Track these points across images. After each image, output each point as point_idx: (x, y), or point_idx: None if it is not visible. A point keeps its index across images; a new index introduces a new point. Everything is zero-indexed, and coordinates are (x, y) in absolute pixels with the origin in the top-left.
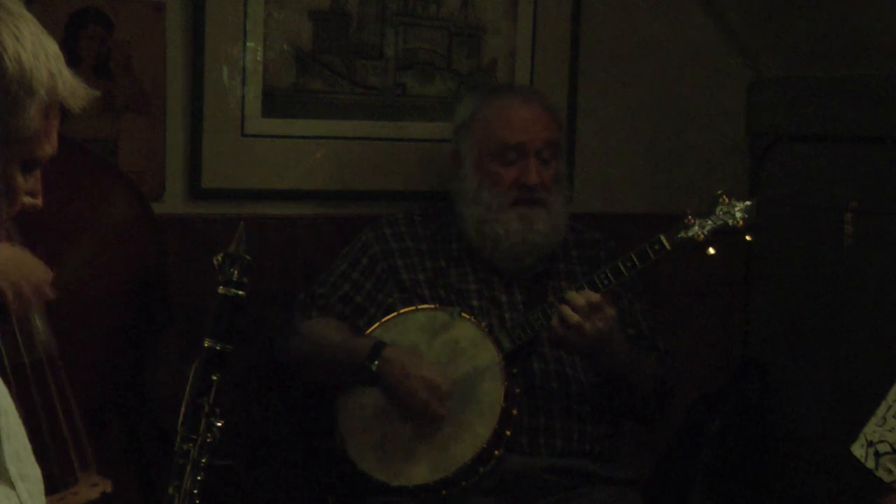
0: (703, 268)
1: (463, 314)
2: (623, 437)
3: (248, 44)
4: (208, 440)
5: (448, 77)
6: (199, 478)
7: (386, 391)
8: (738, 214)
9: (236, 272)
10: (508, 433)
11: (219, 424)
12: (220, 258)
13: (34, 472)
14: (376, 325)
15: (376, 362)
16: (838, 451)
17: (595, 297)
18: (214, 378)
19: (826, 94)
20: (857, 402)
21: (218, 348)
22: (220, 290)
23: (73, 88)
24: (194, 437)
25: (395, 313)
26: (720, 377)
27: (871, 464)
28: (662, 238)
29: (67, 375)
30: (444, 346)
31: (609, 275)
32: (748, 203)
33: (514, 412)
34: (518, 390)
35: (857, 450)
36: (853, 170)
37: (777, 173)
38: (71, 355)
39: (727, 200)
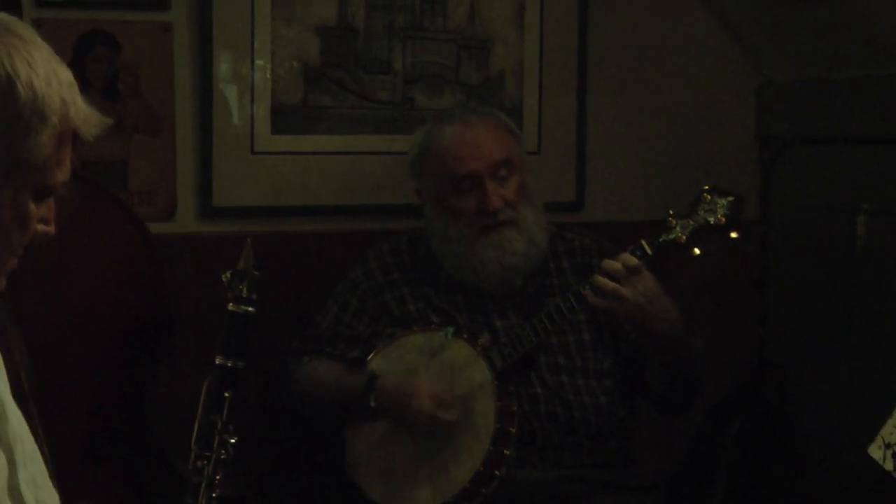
0: (717, 269)
1: (456, 334)
2: (640, 441)
3: (256, 61)
4: (222, 457)
5: (457, 90)
6: (214, 495)
7: (393, 419)
8: (720, 212)
9: (245, 289)
10: (508, 452)
11: (232, 441)
12: (228, 275)
13: (51, 497)
14: (378, 351)
15: (372, 396)
16: (857, 451)
17: (632, 260)
18: (227, 395)
19: (836, 97)
20: (874, 402)
21: (229, 365)
22: (230, 306)
23: (85, 116)
24: (208, 454)
25: (394, 338)
26: (737, 380)
27: (889, 465)
28: (644, 243)
29: (65, 405)
30: (442, 367)
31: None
32: (731, 199)
33: (513, 430)
34: (516, 408)
35: (875, 451)
36: (864, 171)
37: (788, 177)
38: (68, 385)
39: (709, 198)
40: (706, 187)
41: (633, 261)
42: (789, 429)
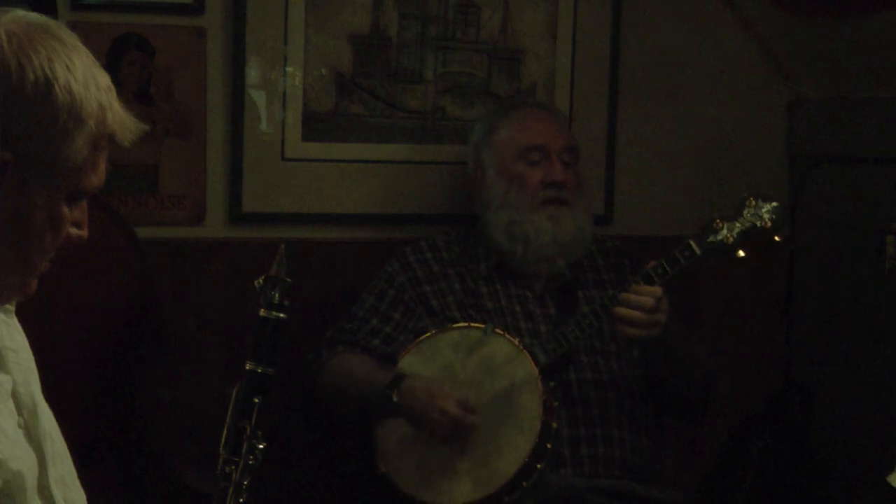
0: (744, 288)
1: (496, 330)
2: (666, 457)
3: (287, 68)
4: (250, 462)
5: (487, 100)
6: (241, 500)
7: (412, 420)
8: (766, 216)
9: (277, 295)
10: (549, 446)
11: (261, 447)
12: (261, 281)
13: (79, 496)
14: (411, 347)
15: (396, 392)
16: (882, 473)
17: (658, 290)
18: (256, 401)
19: (867, 115)
20: None
21: (259, 371)
22: (262, 312)
23: (122, 121)
24: (236, 459)
25: (428, 333)
26: (763, 399)
27: None
28: (692, 242)
29: (57, 409)
30: (480, 362)
31: (642, 283)
32: (775, 204)
33: (554, 425)
34: (557, 403)
35: (895, 480)
36: (894, 191)
37: (818, 194)
38: (58, 389)
39: (754, 202)
40: (746, 194)
41: (659, 290)
42: (813, 449)
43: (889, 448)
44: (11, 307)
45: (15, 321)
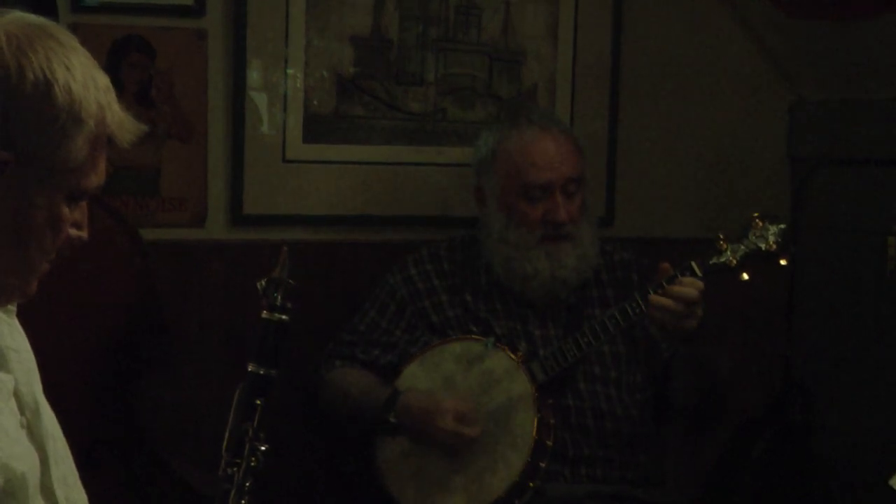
0: (745, 292)
1: (497, 344)
2: (667, 460)
3: (288, 70)
4: (252, 464)
5: (488, 102)
6: (243, 502)
7: (413, 436)
8: (772, 238)
9: (280, 297)
10: (543, 465)
11: (263, 449)
12: (263, 283)
13: (81, 497)
14: (414, 358)
15: (393, 413)
16: (883, 474)
17: (700, 284)
18: (258, 403)
19: (868, 117)
20: None
21: (262, 373)
22: (264, 314)
23: (121, 121)
24: (238, 461)
25: (431, 346)
26: (763, 401)
27: None
28: (694, 264)
29: (57, 413)
30: (480, 376)
31: (640, 303)
32: (782, 226)
33: (549, 444)
34: (553, 421)
35: None
36: None
37: (819, 197)
38: (59, 390)
39: (760, 224)
40: (756, 214)
41: (701, 284)
42: (814, 451)
43: (890, 450)
44: (13, 308)
45: (16, 322)
